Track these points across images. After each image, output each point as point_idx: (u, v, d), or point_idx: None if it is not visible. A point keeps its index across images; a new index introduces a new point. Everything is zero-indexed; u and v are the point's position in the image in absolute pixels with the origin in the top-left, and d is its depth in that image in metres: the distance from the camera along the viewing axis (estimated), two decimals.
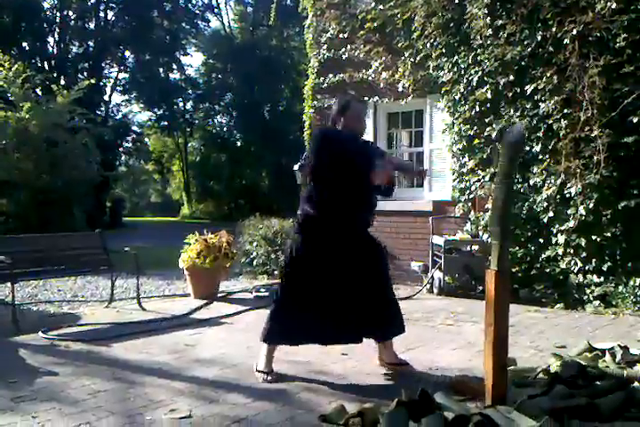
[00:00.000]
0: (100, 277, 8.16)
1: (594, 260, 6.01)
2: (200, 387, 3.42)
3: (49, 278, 7.38)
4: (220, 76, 32.60)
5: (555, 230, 6.30)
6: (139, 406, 3.11)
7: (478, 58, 6.86)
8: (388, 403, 2.81)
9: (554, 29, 6.18)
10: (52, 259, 5.84)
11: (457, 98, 7.13)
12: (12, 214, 13.01)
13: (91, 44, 26.63)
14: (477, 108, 6.92)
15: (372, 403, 2.91)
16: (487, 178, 6.85)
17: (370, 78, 8.20)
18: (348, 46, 8.44)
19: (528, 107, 6.45)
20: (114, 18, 27.58)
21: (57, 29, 25.42)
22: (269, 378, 3.54)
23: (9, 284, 5.25)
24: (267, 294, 6.90)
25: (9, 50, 19.14)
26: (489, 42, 6.73)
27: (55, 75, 23.49)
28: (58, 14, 25.64)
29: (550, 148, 6.30)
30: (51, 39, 25.51)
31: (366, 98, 8.20)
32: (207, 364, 3.92)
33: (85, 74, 25.26)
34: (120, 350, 4.29)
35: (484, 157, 6.89)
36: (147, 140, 36.82)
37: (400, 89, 7.78)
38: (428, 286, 7.03)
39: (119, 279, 7.33)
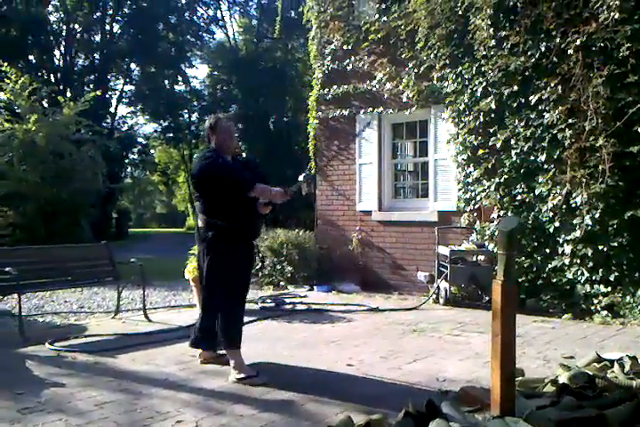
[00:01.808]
0: (106, 289, 8.16)
1: (600, 270, 5.99)
2: (206, 398, 3.42)
3: (55, 290, 7.40)
4: (224, 87, 32.73)
5: (561, 240, 6.28)
6: (145, 417, 3.11)
7: (482, 68, 6.89)
8: (396, 414, 2.80)
9: (557, 40, 6.21)
10: (59, 270, 5.86)
11: (461, 108, 7.16)
12: (19, 226, 13.04)
13: (97, 56, 26.86)
14: (482, 119, 6.94)
15: (379, 414, 2.90)
16: (492, 188, 6.85)
17: (374, 89, 8.25)
18: (352, 58, 8.49)
19: (532, 117, 6.47)
20: (119, 31, 27.84)
21: (63, 42, 25.66)
22: (263, 379, 3.61)
23: (16, 295, 5.26)
24: (272, 304, 6.92)
25: (16, 63, 19.30)
26: (493, 52, 6.76)
27: (61, 87, 23.65)
28: (64, 27, 25.89)
29: (555, 157, 6.30)
30: (57, 52, 25.78)
31: (370, 109, 8.27)
32: (213, 375, 3.91)
33: (91, 86, 25.40)
34: (126, 362, 4.30)
35: (489, 166, 6.90)
36: (152, 151, 36.96)
37: (404, 100, 7.81)
38: (434, 296, 7.01)
39: (125, 290, 7.32)
